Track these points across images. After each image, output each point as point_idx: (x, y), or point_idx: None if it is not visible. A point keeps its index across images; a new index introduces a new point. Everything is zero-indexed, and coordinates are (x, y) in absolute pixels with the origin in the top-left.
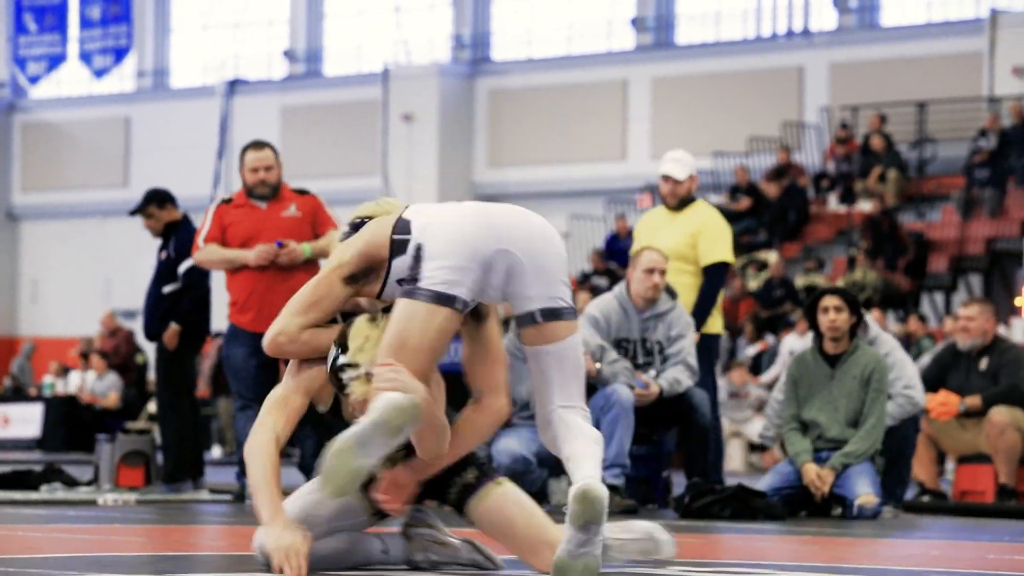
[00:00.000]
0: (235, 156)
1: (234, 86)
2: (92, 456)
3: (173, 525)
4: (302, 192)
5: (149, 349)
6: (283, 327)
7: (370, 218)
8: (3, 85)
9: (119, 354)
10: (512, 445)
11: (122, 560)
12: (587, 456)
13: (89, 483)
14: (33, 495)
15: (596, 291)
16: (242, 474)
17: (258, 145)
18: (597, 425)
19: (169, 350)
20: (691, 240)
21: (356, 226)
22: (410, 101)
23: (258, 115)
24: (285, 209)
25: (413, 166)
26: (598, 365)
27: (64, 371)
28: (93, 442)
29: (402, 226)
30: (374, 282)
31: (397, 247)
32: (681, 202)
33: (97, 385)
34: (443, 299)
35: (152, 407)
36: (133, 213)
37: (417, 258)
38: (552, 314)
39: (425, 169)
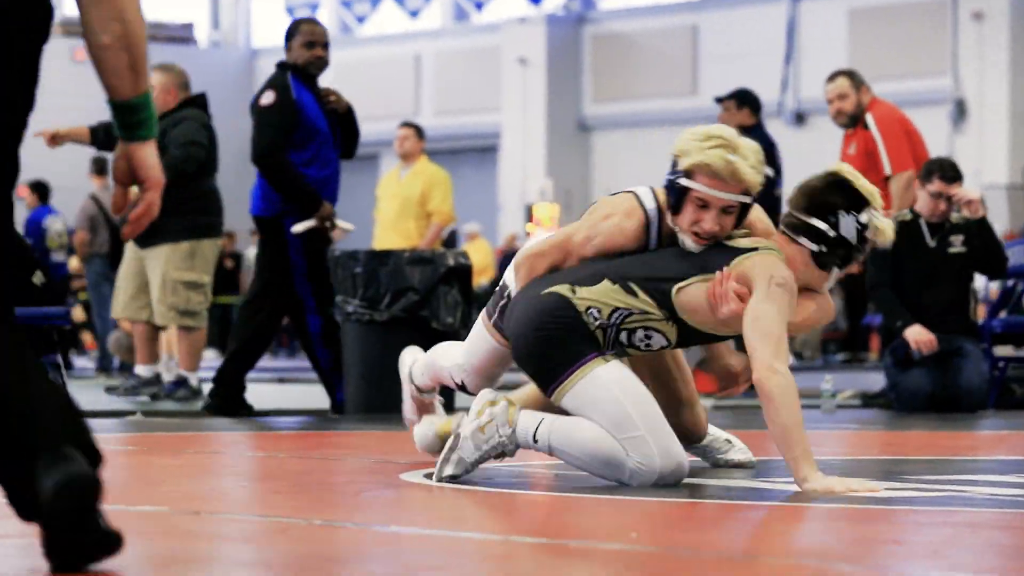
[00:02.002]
0: (803, 62)
1: None
2: None
3: (750, 429)
4: (866, 126)
5: None
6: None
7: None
8: None
9: None
10: None
11: (696, 466)
12: None
13: None
14: None
15: None
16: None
17: (831, 76)
18: None
19: None
20: None
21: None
22: None
23: (825, 19)
24: (850, 145)
25: (984, 65)
26: None
27: None
28: None
29: None
30: None
31: None
32: None
33: None
34: None
35: None
36: (718, 100)
37: None
38: None
39: (996, 68)
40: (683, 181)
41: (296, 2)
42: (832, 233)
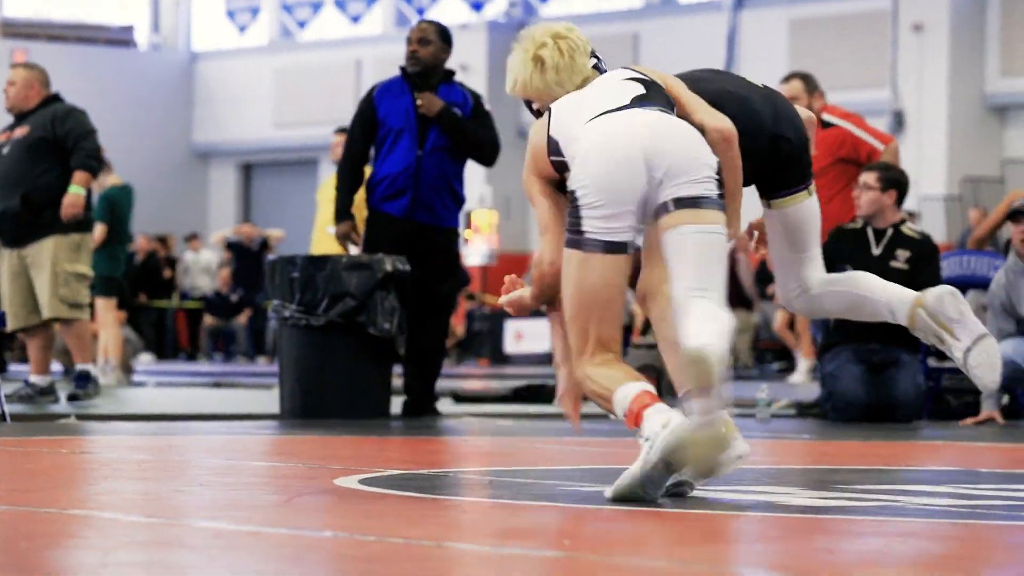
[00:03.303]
0: (743, 71)
1: (742, 0)
2: None
3: None
4: (826, 125)
5: None
6: (539, 258)
7: None
8: (515, 4)
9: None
10: (1006, 350)
11: None
12: (704, 325)
13: None
14: (547, 408)
15: None
16: None
17: (786, 78)
18: None
19: None
20: None
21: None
22: (920, 11)
23: (766, 29)
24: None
25: (923, 77)
26: None
27: None
28: None
29: (553, 148)
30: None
31: (560, 167)
32: None
33: None
34: (613, 247)
35: None
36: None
37: (575, 205)
38: (689, 202)
39: (935, 80)
40: None
41: (237, 6)
42: None
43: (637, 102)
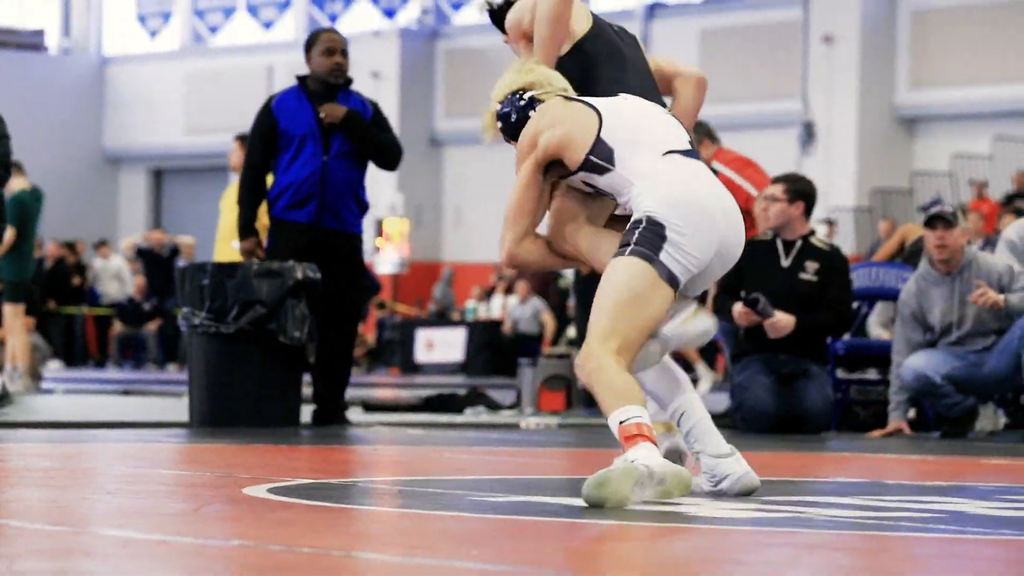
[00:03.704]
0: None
1: (653, 9)
2: (514, 380)
3: (595, 448)
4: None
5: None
6: (506, 246)
7: (522, 91)
8: (427, 12)
9: (538, 279)
10: (919, 363)
11: (545, 482)
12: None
13: (511, 407)
14: (458, 418)
15: (1020, 213)
16: None
17: None
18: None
19: (584, 274)
20: None
21: (515, 103)
22: (831, 22)
23: (677, 38)
24: None
25: (833, 89)
26: (1004, 296)
27: (487, 296)
28: (515, 366)
29: (605, 153)
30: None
31: (591, 168)
32: None
33: (518, 310)
34: (675, 283)
35: (572, 332)
36: None
37: (658, 232)
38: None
39: (845, 91)
40: None
41: (148, 11)
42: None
43: (694, 152)
